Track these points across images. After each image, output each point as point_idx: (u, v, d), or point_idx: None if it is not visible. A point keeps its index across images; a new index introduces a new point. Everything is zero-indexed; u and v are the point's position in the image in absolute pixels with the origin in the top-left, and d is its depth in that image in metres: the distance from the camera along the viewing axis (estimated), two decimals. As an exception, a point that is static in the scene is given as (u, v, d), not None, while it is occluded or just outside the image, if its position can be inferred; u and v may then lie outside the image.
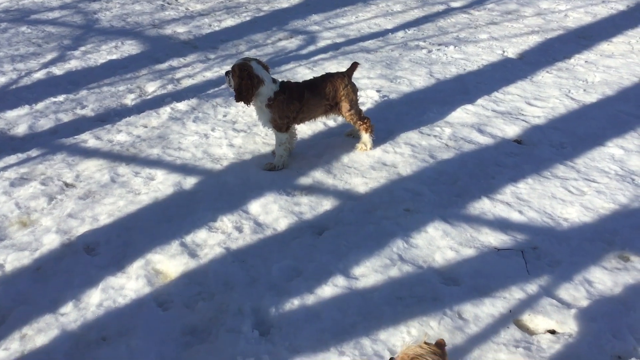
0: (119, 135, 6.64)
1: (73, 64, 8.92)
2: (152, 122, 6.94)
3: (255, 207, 5.22)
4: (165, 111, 7.22)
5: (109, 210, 5.23)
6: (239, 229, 4.94)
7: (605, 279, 4.29)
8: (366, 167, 5.82)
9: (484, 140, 6.31)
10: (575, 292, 4.17)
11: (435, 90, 7.70)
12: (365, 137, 6.11)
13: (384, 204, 5.23)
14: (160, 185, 5.59)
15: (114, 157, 6.18)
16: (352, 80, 5.99)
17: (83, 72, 8.64)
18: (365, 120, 6.05)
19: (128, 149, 6.32)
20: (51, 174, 5.86)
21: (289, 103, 5.66)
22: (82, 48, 9.69)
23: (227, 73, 5.57)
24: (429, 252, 4.62)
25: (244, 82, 5.42)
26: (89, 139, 6.58)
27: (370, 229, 4.90)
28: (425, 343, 2.76)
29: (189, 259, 4.59)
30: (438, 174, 5.69)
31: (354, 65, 6.06)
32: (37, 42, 10.05)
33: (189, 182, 5.63)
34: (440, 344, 2.79)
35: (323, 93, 5.79)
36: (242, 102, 5.60)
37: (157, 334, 3.91)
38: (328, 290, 4.26)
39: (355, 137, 6.33)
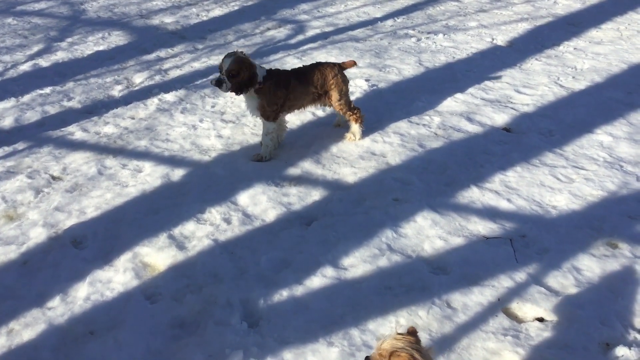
0: (106, 127, 6.58)
1: (59, 56, 8.84)
2: (140, 114, 6.89)
3: (244, 198, 5.20)
4: (153, 102, 7.16)
5: (96, 203, 5.19)
6: (228, 221, 4.91)
7: (593, 266, 4.30)
8: (355, 157, 5.80)
9: (473, 128, 6.30)
10: (563, 280, 4.18)
11: (425, 79, 7.68)
12: (355, 127, 6.08)
13: (373, 193, 5.22)
14: (148, 177, 5.55)
15: (101, 149, 6.13)
16: (344, 72, 5.95)
17: (69, 64, 8.56)
18: (355, 111, 6.02)
19: (115, 141, 6.27)
20: (38, 167, 5.81)
21: (276, 89, 5.61)
22: (69, 39, 9.60)
23: (228, 72, 5.32)
24: (417, 242, 4.61)
25: (248, 74, 5.39)
26: (75, 131, 6.53)
27: (359, 219, 4.89)
28: (399, 334, 2.74)
29: (177, 252, 4.56)
30: (427, 163, 5.67)
31: (351, 63, 6.01)
32: (23, 33, 9.94)
33: (177, 173, 5.60)
34: (412, 332, 2.78)
35: (310, 81, 5.74)
36: (235, 93, 5.52)
37: (145, 327, 3.89)
38: (317, 281, 4.25)
39: (343, 127, 6.30)
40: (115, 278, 4.32)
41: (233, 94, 5.63)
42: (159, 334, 3.85)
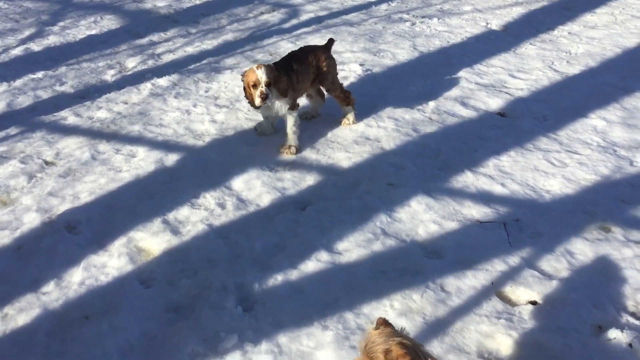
0: (99, 112, 6.55)
1: (51, 40, 8.76)
2: (133, 99, 6.85)
3: (238, 183, 5.19)
4: (146, 87, 7.12)
5: (89, 188, 5.17)
6: (222, 206, 4.91)
7: (586, 250, 4.32)
8: (349, 142, 5.79)
9: (467, 113, 6.30)
10: (556, 264, 4.20)
11: (419, 64, 7.66)
12: (348, 110, 6.07)
13: (367, 178, 5.22)
14: (142, 162, 5.53)
15: (95, 134, 6.10)
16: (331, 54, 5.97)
17: (62, 48, 8.49)
18: (347, 94, 6.02)
19: (108, 126, 6.24)
20: (31, 152, 5.78)
21: (290, 79, 5.53)
22: (61, 23, 9.51)
23: (265, 92, 5.24)
24: (412, 226, 4.63)
25: (285, 81, 5.40)
26: (68, 116, 6.49)
27: (354, 203, 4.90)
28: (376, 329, 2.72)
29: (171, 236, 4.56)
30: (421, 148, 5.68)
31: (331, 41, 6.06)
32: (14, 17, 9.84)
33: (171, 158, 5.58)
34: (385, 323, 2.77)
35: (307, 62, 5.73)
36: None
37: (140, 312, 3.89)
38: (311, 265, 4.26)
39: (309, 119, 6.29)
40: (109, 263, 4.32)
41: (274, 101, 5.45)
42: (154, 318, 3.85)
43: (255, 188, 5.12)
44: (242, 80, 5.42)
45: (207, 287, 4.09)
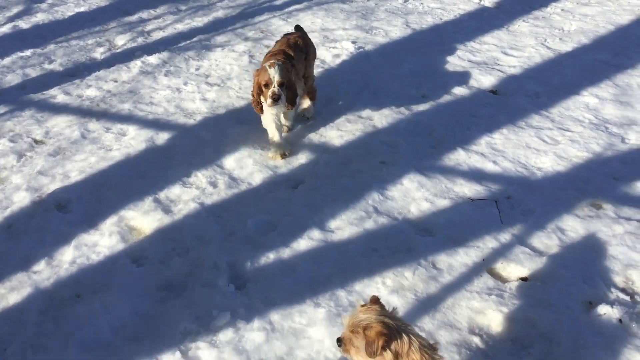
0: (89, 90, 6.48)
1: (40, 17, 8.62)
2: (123, 77, 6.78)
3: (230, 161, 5.17)
4: (136, 65, 7.04)
5: (80, 167, 5.13)
6: (214, 184, 4.89)
7: (577, 226, 4.34)
8: (342, 120, 5.76)
9: (459, 91, 6.27)
10: (547, 240, 4.22)
11: (411, 41, 7.60)
12: (308, 103, 5.80)
13: (360, 156, 5.21)
14: (132, 140, 5.49)
15: (84, 112, 6.04)
16: None
17: (50, 26, 8.36)
18: (315, 90, 5.78)
19: (98, 104, 6.18)
20: (20, 131, 5.72)
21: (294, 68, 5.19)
22: (49, 0, 9.35)
23: (277, 93, 4.81)
24: (404, 204, 4.62)
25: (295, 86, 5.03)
26: (57, 95, 6.42)
27: (346, 182, 4.89)
28: (363, 306, 2.75)
29: (163, 215, 4.54)
30: (414, 126, 5.66)
31: (298, 27, 5.84)
32: (1, -6, 9.68)
33: (162, 137, 5.54)
34: (375, 301, 2.79)
35: (299, 47, 5.45)
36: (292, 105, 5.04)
37: (132, 290, 3.89)
38: (303, 243, 4.26)
39: (307, 120, 5.86)
40: (101, 242, 4.30)
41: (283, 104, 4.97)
42: (146, 296, 3.85)
43: (247, 166, 5.09)
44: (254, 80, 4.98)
45: (199, 266, 4.08)
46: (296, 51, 5.33)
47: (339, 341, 2.78)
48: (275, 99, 4.81)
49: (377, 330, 2.57)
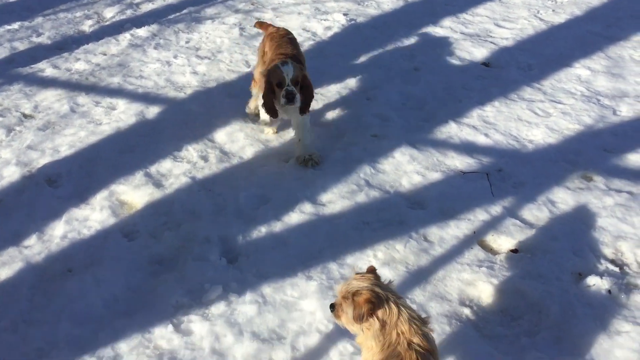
0: (78, 64, 6.40)
1: (26, -11, 8.47)
2: (112, 50, 6.70)
3: (221, 135, 5.14)
4: (125, 38, 6.95)
5: (69, 141, 5.09)
6: (205, 158, 4.87)
7: (568, 198, 4.36)
8: (333, 94, 5.73)
9: (452, 63, 6.24)
10: (538, 213, 4.24)
11: (404, 13, 7.53)
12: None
13: (351, 130, 5.19)
14: (122, 114, 5.44)
15: (73, 86, 5.97)
16: None
17: (37, -2, 8.23)
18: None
19: (87, 78, 6.11)
20: (8, 105, 5.66)
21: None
22: (35, -28, 9.19)
23: (292, 91, 4.40)
24: (395, 177, 4.62)
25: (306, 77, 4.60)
26: (46, 68, 6.34)
27: (338, 155, 4.87)
28: (358, 274, 2.77)
29: (154, 189, 4.52)
30: (406, 99, 5.63)
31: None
32: (-14, -34, 9.49)
33: (152, 111, 5.49)
34: (371, 270, 2.81)
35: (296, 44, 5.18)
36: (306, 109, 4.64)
37: (124, 264, 3.89)
38: (295, 217, 4.26)
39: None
40: (92, 216, 4.29)
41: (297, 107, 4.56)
42: (138, 270, 3.85)
43: (238, 140, 5.07)
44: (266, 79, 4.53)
45: (190, 240, 4.08)
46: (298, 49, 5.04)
47: (332, 307, 2.80)
48: (290, 99, 4.39)
49: (365, 297, 2.59)
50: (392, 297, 2.64)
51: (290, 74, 4.39)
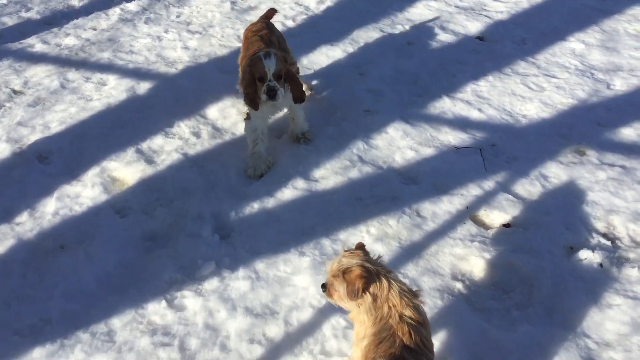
0: (67, 39, 6.31)
1: (13, -37, 8.33)
2: (102, 24, 6.61)
3: (213, 111, 5.10)
4: (115, 12, 6.85)
5: (60, 117, 5.04)
6: (197, 134, 4.84)
7: (560, 173, 4.36)
8: (325, 68, 5.68)
9: (445, 37, 6.18)
10: (530, 187, 4.24)
11: (397, -14, 7.43)
12: None
13: (344, 105, 5.15)
14: (113, 90, 5.39)
15: (63, 62, 5.90)
16: None
17: (25, -28, 8.08)
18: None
19: (77, 53, 6.04)
20: (-3, 82, 5.60)
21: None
22: (23, -55, 9.02)
23: (274, 87, 4.16)
24: (389, 153, 4.61)
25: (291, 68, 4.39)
26: (35, 44, 6.25)
27: (330, 130, 4.85)
28: (346, 251, 2.77)
29: (145, 166, 4.50)
30: (399, 74, 5.59)
31: (271, 12, 5.26)
32: (-28, -61, 9.31)
33: (143, 87, 5.44)
34: (360, 247, 2.82)
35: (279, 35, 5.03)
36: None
37: (116, 241, 3.88)
38: (288, 193, 4.25)
39: None
40: (83, 193, 4.27)
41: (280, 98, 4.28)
42: (131, 246, 3.85)
43: (230, 116, 5.03)
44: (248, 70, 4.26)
45: (183, 216, 4.07)
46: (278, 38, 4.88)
47: (324, 287, 2.81)
48: (272, 95, 4.17)
49: (357, 273, 2.60)
50: (382, 272, 2.65)
51: (272, 68, 4.13)
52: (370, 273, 2.61)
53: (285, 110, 4.70)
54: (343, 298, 2.68)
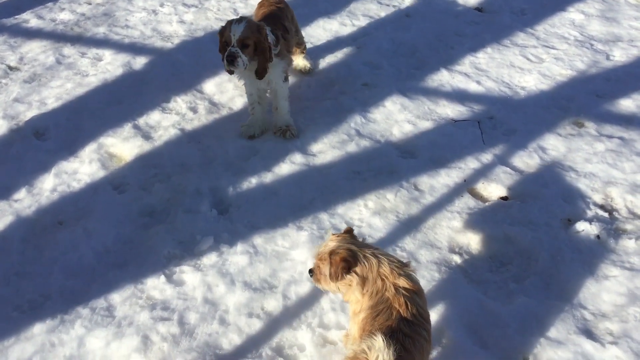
0: (62, 14, 6.25)
1: (6, -63, 8.21)
2: (97, -1, 6.54)
3: (210, 86, 5.07)
4: (110, -14, 6.77)
5: (56, 93, 5.02)
6: (194, 110, 4.81)
7: (559, 145, 4.35)
8: (322, 42, 5.63)
9: (444, 8, 6.12)
10: (528, 160, 4.23)
11: (395, -43, 7.34)
12: (300, 59, 5.19)
13: (342, 78, 5.12)
14: (109, 65, 5.35)
15: (58, 37, 5.85)
16: None
17: (18, -54, 7.97)
18: (304, 45, 5.17)
19: (72, 28, 5.98)
20: (-8, 58, 5.56)
21: (285, 44, 4.48)
22: None
23: (234, 53, 4.01)
24: (386, 127, 4.59)
25: (265, 40, 4.12)
26: (30, 19, 6.19)
27: (328, 104, 4.83)
28: (333, 234, 2.78)
29: (143, 142, 4.49)
30: (397, 46, 5.54)
31: None
32: None
33: (139, 61, 5.40)
34: (347, 231, 2.82)
35: (289, 17, 4.80)
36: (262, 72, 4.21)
37: (114, 216, 3.89)
38: (285, 167, 4.25)
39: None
40: (81, 169, 4.26)
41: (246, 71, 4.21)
42: (129, 222, 3.86)
43: (227, 91, 5.01)
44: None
45: (181, 192, 4.07)
46: (288, 23, 4.66)
47: (311, 272, 2.81)
48: (230, 61, 4.01)
49: (341, 256, 2.61)
50: (369, 251, 2.65)
51: (237, 33, 3.96)
52: (355, 256, 2.62)
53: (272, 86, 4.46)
54: (328, 281, 2.69)
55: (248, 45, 4.03)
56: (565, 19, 5.85)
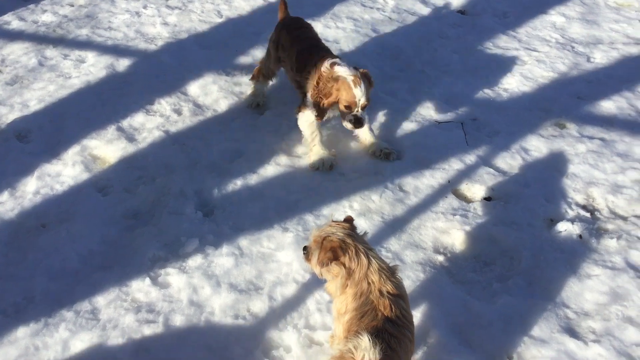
0: (44, 16, 6.19)
1: (-13, -62, 8.13)
2: (79, 1, 6.47)
3: (194, 88, 5.06)
4: (93, -12, 6.73)
5: (38, 95, 4.97)
6: (178, 112, 4.80)
7: (541, 146, 4.40)
8: (307, 43, 5.63)
9: (427, 11, 6.16)
10: (511, 161, 4.27)
11: (379, -40, 7.37)
12: None
13: (326, 80, 5.13)
14: (92, 67, 5.31)
15: (40, 39, 5.80)
16: None
17: (-1, -53, 7.90)
18: None
19: (55, 30, 5.93)
20: (-27, 60, 5.50)
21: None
22: None
23: (362, 119, 3.95)
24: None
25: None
26: (12, 21, 6.13)
27: (312, 106, 4.83)
28: (334, 221, 2.80)
29: (127, 144, 4.47)
30: (381, 49, 5.57)
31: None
32: None
33: (122, 63, 5.37)
34: (348, 220, 2.84)
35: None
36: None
37: (98, 219, 3.86)
38: (271, 169, 4.25)
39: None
40: (64, 171, 4.23)
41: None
42: (113, 224, 3.84)
43: (211, 93, 5.00)
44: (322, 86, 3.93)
45: (165, 194, 4.06)
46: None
47: (305, 249, 2.83)
48: (358, 126, 3.97)
49: (332, 245, 2.62)
50: (363, 249, 2.67)
51: (362, 98, 3.83)
52: (348, 247, 2.64)
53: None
54: (315, 264, 2.71)
55: (366, 106, 3.94)
56: (547, 22, 5.92)
